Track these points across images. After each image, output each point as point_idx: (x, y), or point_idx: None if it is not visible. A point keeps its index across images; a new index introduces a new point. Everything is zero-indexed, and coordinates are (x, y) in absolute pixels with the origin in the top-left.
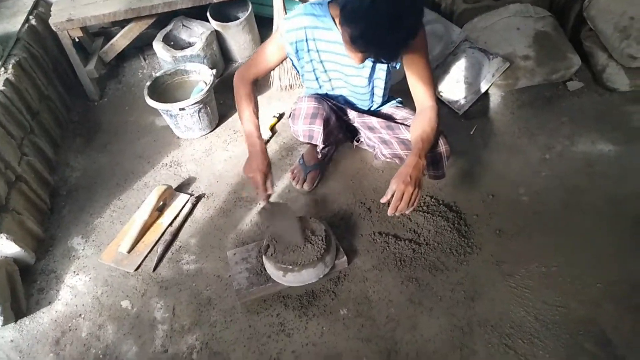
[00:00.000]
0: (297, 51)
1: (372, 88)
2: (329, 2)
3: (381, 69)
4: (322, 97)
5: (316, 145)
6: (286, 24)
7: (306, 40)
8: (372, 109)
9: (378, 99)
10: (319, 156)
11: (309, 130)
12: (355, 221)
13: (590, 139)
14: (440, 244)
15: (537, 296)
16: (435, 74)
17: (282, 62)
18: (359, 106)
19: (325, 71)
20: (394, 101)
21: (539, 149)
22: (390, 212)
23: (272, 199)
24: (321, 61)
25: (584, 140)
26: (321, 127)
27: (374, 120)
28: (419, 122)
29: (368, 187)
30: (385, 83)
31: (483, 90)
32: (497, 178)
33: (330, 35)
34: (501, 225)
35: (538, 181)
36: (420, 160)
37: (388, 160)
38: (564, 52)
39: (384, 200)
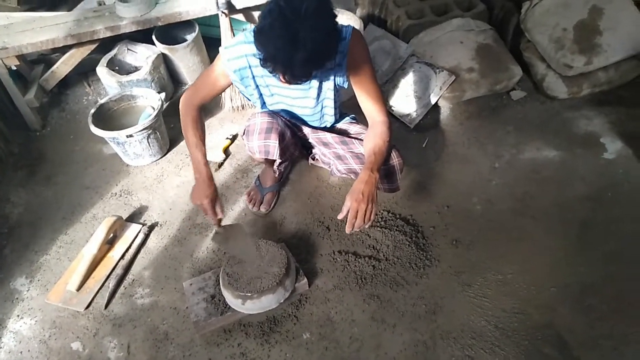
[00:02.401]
0: (241, 78)
1: (322, 108)
2: None
3: (329, 88)
4: (275, 113)
5: (272, 164)
6: (227, 53)
7: (249, 67)
8: (325, 126)
9: (330, 118)
10: (276, 175)
11: (264, 145)
12: (314, 241)
13: (536, 146)
14: (399, 258)
15: (495, 304)
16: (385, 88)
17: (227, 87)
18: (311, 124)
19: (272, 95)
20: (347, 117)
21: (488, 158)
22: (347, 229)
23: (224, 223)
24: (267, 85)
25: (530, 148)
26: (277, 142)
27: (328, 136)
28: (371, 136)
29: (326, 205)
30: (335, 102)
31: (432, 103)
32: (451, 189)
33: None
34: (457, 236)
35: (489, 190)
36: (372, 174)
37: (344, 175)
38: (506, 63)
39: (340, 217)
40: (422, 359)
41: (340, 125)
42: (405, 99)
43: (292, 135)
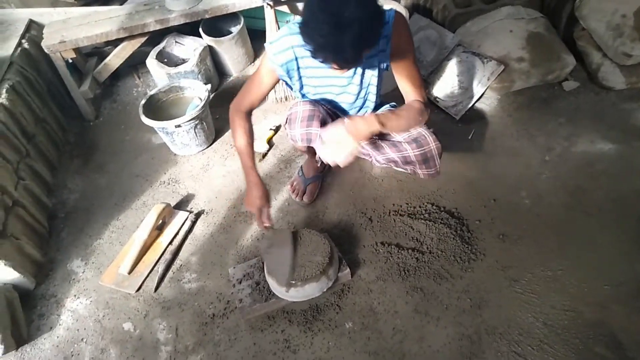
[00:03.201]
0: (287, 71)
1: (366, 94)
2: None
3: (373, 75)
4: (316, 101)
5: (315, 154)
6: (272, 48)
7: (295, 59)
8: (365, 113)
9: (371, 104)
10: (318, 165)
11: (306, 133)
12: (356, 232)
13: (589, 139)
14: (443, 251)
15: (544, 301)
16: (430, 79)
17: (274, 86)
18: (351, 112)
19: (316, 86)
20: (387, 105)
21: (538, 151)
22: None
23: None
24: (311, 77)
25: (583, 140)
26: (319, 129)
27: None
28: (406, 105)
29: (368, 197)
30: (378, 88)
31: (479, 94)
32: (498, 182)
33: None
34: (504, 230)
35: (539, 183)
36: (375, 120)
37: (384, 165)
38: (558, 52)
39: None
40: (466, 353)
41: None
42: (451, 90)
43: None
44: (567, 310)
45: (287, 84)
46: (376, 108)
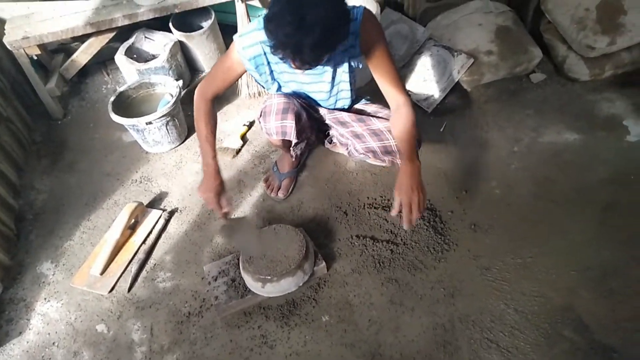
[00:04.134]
0: (256, 66)
1: (338, 92)
2: None
3: (344, 71)
4: (291, 94)
5: (290, 149)
6: (241, 41)
7: (264, 54)
8: (342, 108)
9: (346, 101)
10: (293, 159)
11: (281, 126)
12: (332, 225)
13: (556, 130)
14: (417, 242)
15: (515, 288)
16: (402, 73)
17: (241, 76)
18: (327, 107)
19: (287, 81)
20: (362, 100)
21: (507, 142)
22: (406, 225)
23: (235, 215)
24: (282, 72)
25: (550, 131)
26: (293, 122)
27: (344, 115)
28: (398, 123)
29: (343, 191)
30: (350, 84)
31: (450, 87)
32: (469, 173)
33: None
34: (476, 220)
35: (509, 174)
36: (414, 164)
37: (361, 156)
38: (525, 45)
39: (393, 213)
40: (440, 342)
41: (357, 106)
42: (422, 83)
43: (309, 117)
44: (536, 296)
45: (255, 79)
46: (352, 103)
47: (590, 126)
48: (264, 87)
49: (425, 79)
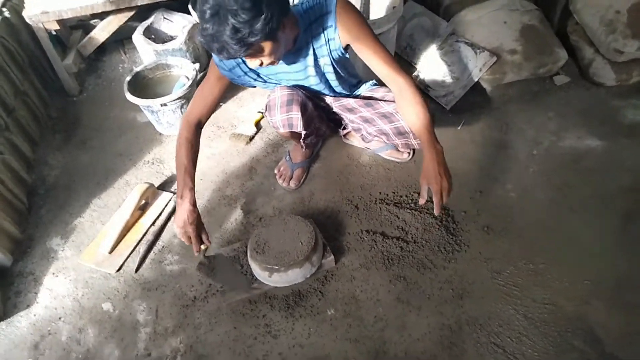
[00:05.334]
0: (238, 76)
1: (327, 81)
2: None
3: (325, 63)
4: (294, 86)
5: (299, 138)
6: (215, 56)
7: (239, 64)
8: (347, 95)
9: (340, 89)
10: (304, 150)
11: (287, 118)
12: (342, 219)
13: (578, 134)
14: (428, 241)
15: (525, 294)
16: (422, 68)
17: (226, 90)
18: (330, 95)
19: (280, 80)
20: (367, 84)
21: (526, 145)
22: (437, 211)
23: (210, 250)
24: (268, 74)
25: (571, 136)
26: (299, 113)
27: (351, 101)
28: (405, 106)
29: (355, 184)
30: (337, 74)
31: (470, 84)
32: (485, 174)
33: None
34: (489, 222)
35: (526, 177)
36: (436, 148)
37: (375, 139)
38: (551, 46)
39: (421, 202)
40: (446, 343)
41: (364, 92)
42: (442, 79)
43: (315, 107)
44: (547, 303)
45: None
46: (356, 90)
47: (613, 133)
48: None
49: (445, 75)
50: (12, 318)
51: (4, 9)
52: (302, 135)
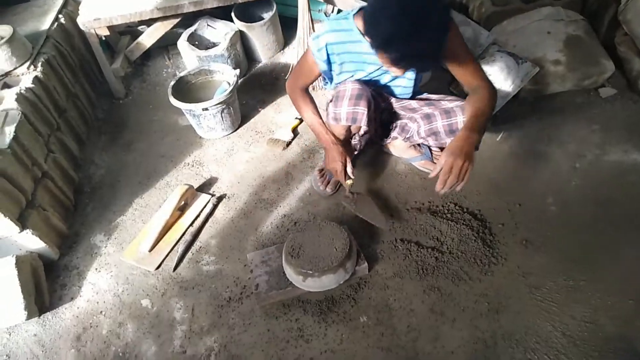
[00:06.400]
0: (329, 63)
1: (404, 85)
2: (354, 15)
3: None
4: (364, 82)
5: (348, 138)
6: (314, 44)
7: (335, 54)
8: (407, 97)
9: (407, 91)
10: (357, 150)
11: (352, 112)
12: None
13: (623, 149)
14: (464, 253)
15: (564, 311)
16: None
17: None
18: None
19: (368, 74)
20: (424, 94)
21: (568, 158)
22: (438, 186)
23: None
24: (355, 70)
25: (617, 150)
26: (366, 109)
27: (413, 102)
28: (472, 100)
29: (390, 192)
30: (416, 76)
31: (511, 95)
32: (525, 187)
33: (359, 47)
34: (528, 236)
35: (567, 191)
36: (472, 134)
37: (421, 141)
38: (597, 57)
39: (432, 175)
40: (480, 357)
41: (421, 97)
42: None
43: (376, 108)
44: (587, 322)
45: (325, 75)
46: (414, 95)
47: None
48: (326, 83)
49: None
50: (57, 309)
51: (60, 16)
52: (362, 132)
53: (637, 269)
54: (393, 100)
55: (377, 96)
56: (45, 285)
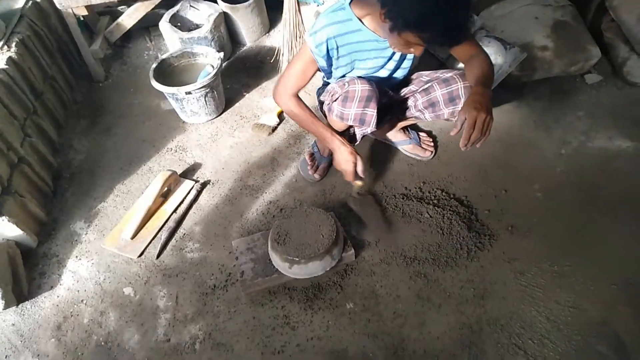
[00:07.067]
0: (329, 57)
1: (398, 69)
2: (350, 3)
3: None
4: (370, 81)
5: (345, 132)
6: (312, 40)
7: (336, 47)
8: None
9: (401, 74)
10: (355, 142)
11: (362, 113)
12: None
13: (608, 135)
14: (450, 239)
15: (549, 296)
16: (449, 63)
17: (315, 74)
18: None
19: (356, 68)
20: (414, 74)
21: (554, 144)
22: (462, 144)
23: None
24: (353, 61)
25: (601, 136)
26: (375, 111)
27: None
28: (474, 65)
29: (378, 179)
30: (412, 62)
31: (499, 80)
32: (511, 172)
33: (359, 36)
34: (513, 222)
35: (553, 177)
36: (486, 90)
37: (418, 113)
38: (583, 43)
39: (454, 132)
40: (466, 342)
41: (413, 76)
42: None
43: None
44: (571, 306)
45: (323, 69)
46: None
47: None
48: (325, 75)
49: None
50: (36, 298)
51: None
52: (368, 132)
53: (620, 254)
54: (391, 93)
55: (380, 92)
56: (24, 273)
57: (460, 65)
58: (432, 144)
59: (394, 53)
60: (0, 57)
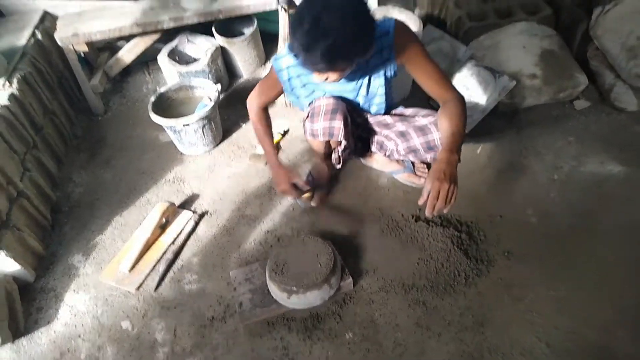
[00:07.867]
0: (292, 89)
1: (372, 99)
2: None
3: (380, 85)
4: (338, 97)
5: (328, 153)
6: (276, 64)
7: (293, 77)
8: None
9: (380, 107)
10: (338, 165)
11: (329, 126)
12: (360, 241)
13: (599, 159)
14: (447, 266)
15: (548, 322)
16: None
17: (282, 93)
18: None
19: (325, 93)
20: (399, 107)
21: (546, 169)
22: (428, 212)
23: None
24: (312, 91)
25: (592, 161)
26: (342, 122)
27: (387, 118)
28: (445, 116)
29: (373, 206)
30: (385, 95)
31: (489, 108)
32: (505, 199)
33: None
34: (509, 247)
35: (547, 202)
36: (453, 155)
37: (401, 158)
38: (571, 70)
39: (421, 202)
40: None
41: (395, 111)
42: None
43: (352, 122)
44: (570, 332)
45: (291, 100)
46: (387, 110)
47: (636, 158)
48: (294, 103)
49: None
50: (32, 334)
51: (36, 32)
52: (342, 146)
53: (616, 278)
54: (368, 115)
55: (352, 111)
56: (20, 308)
57: None
58: (426, 171)
59: (360, 84)
60: (2, 94)
